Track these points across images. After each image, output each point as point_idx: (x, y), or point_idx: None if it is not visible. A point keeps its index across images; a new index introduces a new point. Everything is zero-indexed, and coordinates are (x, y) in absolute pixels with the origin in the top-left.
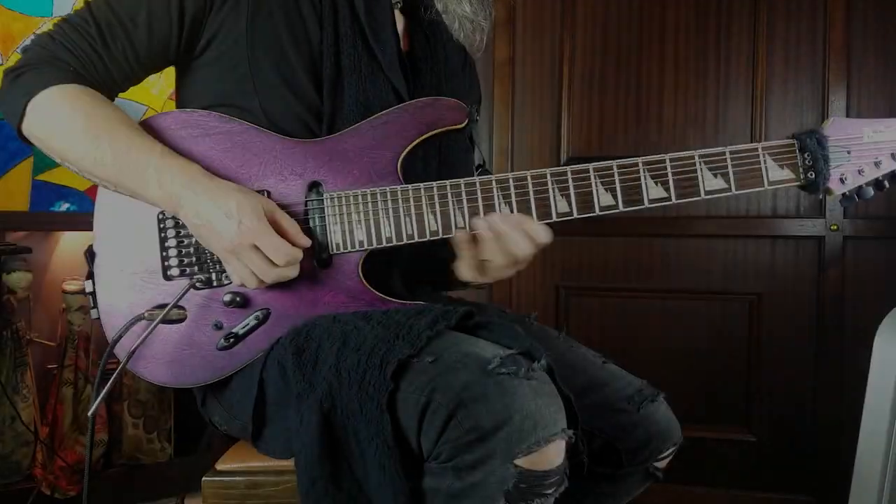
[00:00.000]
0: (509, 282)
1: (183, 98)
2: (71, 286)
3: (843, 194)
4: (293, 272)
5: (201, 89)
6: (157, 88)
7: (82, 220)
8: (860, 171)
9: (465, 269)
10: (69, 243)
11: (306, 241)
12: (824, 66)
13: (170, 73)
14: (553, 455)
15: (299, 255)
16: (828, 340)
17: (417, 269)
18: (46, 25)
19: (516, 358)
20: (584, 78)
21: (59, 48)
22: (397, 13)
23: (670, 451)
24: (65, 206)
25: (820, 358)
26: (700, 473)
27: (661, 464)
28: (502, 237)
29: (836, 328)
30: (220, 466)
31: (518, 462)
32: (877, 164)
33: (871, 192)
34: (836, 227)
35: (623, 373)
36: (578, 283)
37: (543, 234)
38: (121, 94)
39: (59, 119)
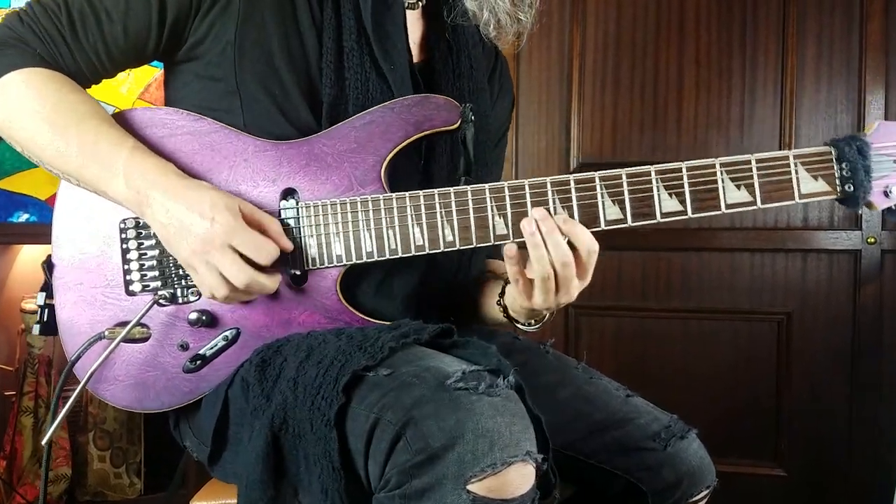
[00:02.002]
0: None
1: (169, 99)
2: (30, 305)
3: (889, 208)
4: (273, 283)
5: (186, 95)
6: (126, 87)
7: (42, 231)
8: None
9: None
10: (28, 257)
11: (289, 243)
12: (861, 63)
13: (140, 70)
14: (515, 481)
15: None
16: (865, 364)
17: (427, 291)
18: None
19: (480, 374)
20: (595, 75)
21: (27, 31)
22: (415, 18)
23: (703, 494)
24: (23, 217)
25: (856, 384)
26: None
27: None
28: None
29: (874, 351)
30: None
31: (472, 488)
32: None
33: None
34: (873, 240)
35: (649, 407)
36: (590, 301)
37: (588, 241)
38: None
39: (23, 104)
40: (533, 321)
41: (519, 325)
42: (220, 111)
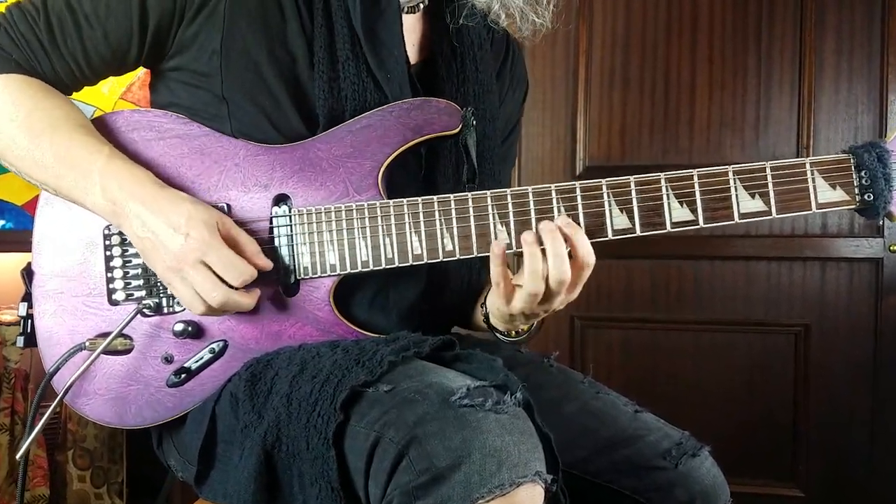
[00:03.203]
0: None
1: (155, 105)
2: (7, 316)
3: None
4: (249, 301)
5: (173, 101)
6: (108, 87)
7: (19, 239)
8: None
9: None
10: (4, 266)
11: (266, 263)
12: (882, 60)
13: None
14: (524, 503)
15: (254, 275)
16: (887, 379)
17: (427, 307)
18: None
19: (486, 390)
20: (602, 74)
21: (4, 37)
22: (415, 21)
23: None
24: None
25: (878, 399)
26: None
27: None
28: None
29: None
30: None
31: None
32: None
33: None
34: None
35: (660, 424)
36: (597, 312)
37: (588, 253)
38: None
39: None
40: (511, 332)
41: (497, 335)
42: (206, 118)
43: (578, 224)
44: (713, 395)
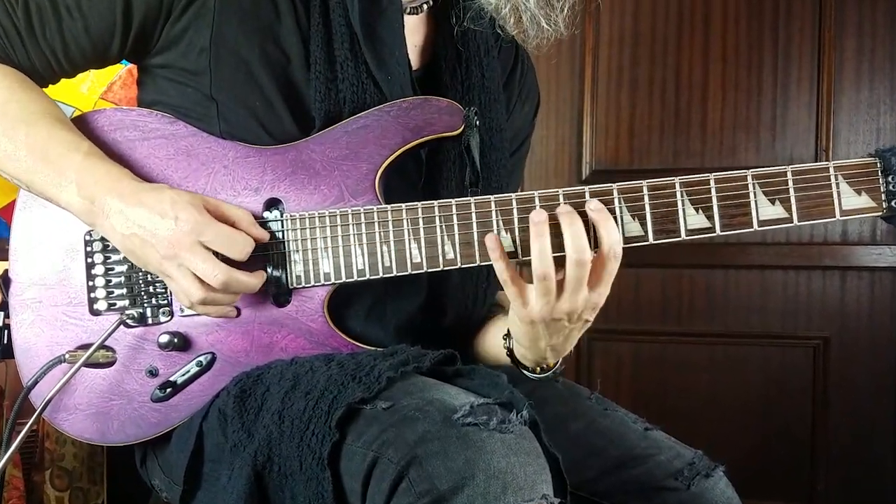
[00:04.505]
0: None
1: (142, 102)
2: None
3: None
4: (256, 281)
5: (160, 99)
6: (87, 85)
7: None
8: None
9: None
10: None
11: (263, 233)
12: None
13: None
14: None
15: (253, 244)
16: None
17: (426, 321)
18: None
19: (491, 407)
20: (610, 73)
21: None
22: (418, 23)
23: None
24: None
25: None
26: None
27: None
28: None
29: None
30: None
31: None
32: None
33: None
34: None
35: (671, 442)
36: (605, 324)
37: (616, 242)
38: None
39: None
40: (539, 368)
41: (525, 372)
42: (194, 118)
43: (588, 231)
44: (727, 411)
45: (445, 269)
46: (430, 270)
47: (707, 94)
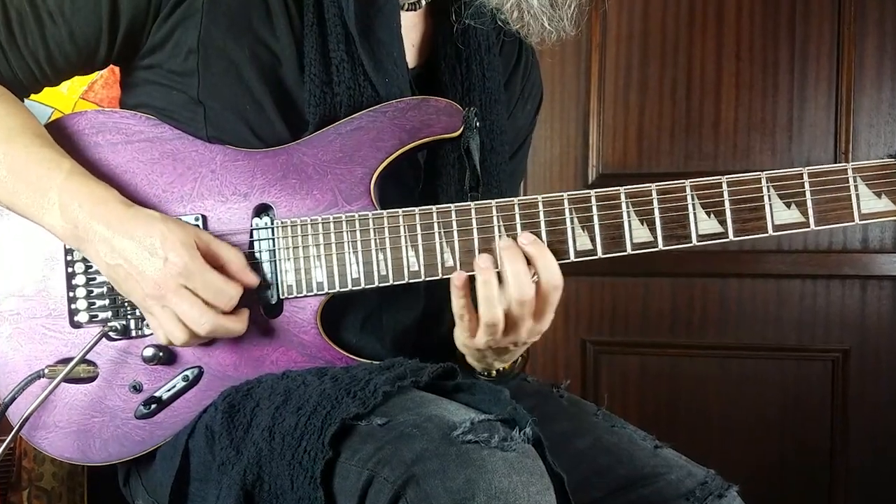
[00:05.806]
0: None
1: (125, 105)
2: None
3: None
4: (239, 326)
5: (145, 101)
6: (67, 86)
7: None
8: None
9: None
10: None
11: (254, 279)
12: None
13: None
14: None
15: (241, 293)
16: None
17: (424, 332)
18: None
19: (492, 424)
20: (618, 71)
21: None
22: (417, 19)
23: None
24: None
25: None
26: None
27: None
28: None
29: None
30: None
31: None
32: None
33: None
34: None
35: (682, 461)
36: (611, 336)
37: (554, 275)
38: None
39: None
40: (486, 372)
41: (476, 375)
42: (180, 122)
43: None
44: (741, 428)
45: (444, 277)
46: (428, 279)
47: (720, 93)
